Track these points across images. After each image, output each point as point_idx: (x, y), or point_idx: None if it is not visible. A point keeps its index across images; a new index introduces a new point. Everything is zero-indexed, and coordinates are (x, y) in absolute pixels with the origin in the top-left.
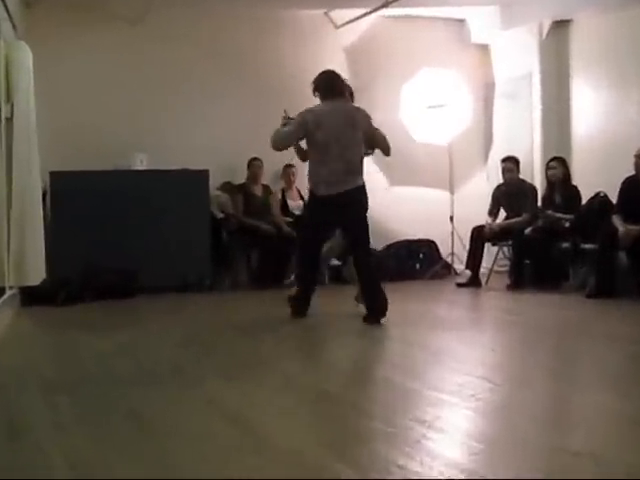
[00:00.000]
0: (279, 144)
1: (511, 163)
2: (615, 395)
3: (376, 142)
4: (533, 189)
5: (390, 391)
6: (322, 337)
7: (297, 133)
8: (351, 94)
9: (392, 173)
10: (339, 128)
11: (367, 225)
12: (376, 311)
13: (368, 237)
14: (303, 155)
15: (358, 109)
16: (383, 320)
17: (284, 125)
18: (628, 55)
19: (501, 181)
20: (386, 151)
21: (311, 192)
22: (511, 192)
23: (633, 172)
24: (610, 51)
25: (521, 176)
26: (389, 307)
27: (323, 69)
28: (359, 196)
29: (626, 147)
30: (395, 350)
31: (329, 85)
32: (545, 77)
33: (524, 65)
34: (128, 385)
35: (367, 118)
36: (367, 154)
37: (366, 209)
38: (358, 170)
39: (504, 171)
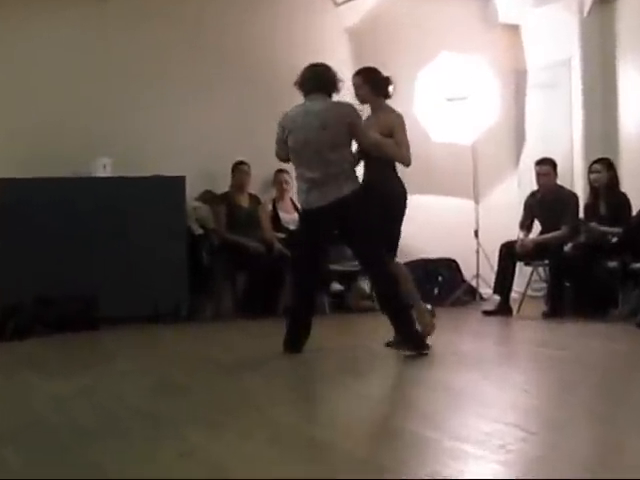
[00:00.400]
0: (280, 157)
1: (547, 166)
2: None
3: (363, 145)
4: (573, 197)
5: (404, 442)
6: (321, 377)
7: (282, 144)
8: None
9: (405, 179)
10: (311, 131)
11: (377, 237)
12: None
13: (380, 253)
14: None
15: (337, 104)
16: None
17: None
18: None
19: (535, 188)
20: (399, 160)
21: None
22: (547, 201)
23: None
24: None
25: (559, 182)
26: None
27: (319, 57)
28: (349, 205)
29: None
30: (409, 392)
31: (311, 80)
32: (587, 63)
33: (562, 49)
34: (90, 435)
35: (347, 114)
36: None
37: (370, 217)
38: (342, 176)
39: (539, 176)
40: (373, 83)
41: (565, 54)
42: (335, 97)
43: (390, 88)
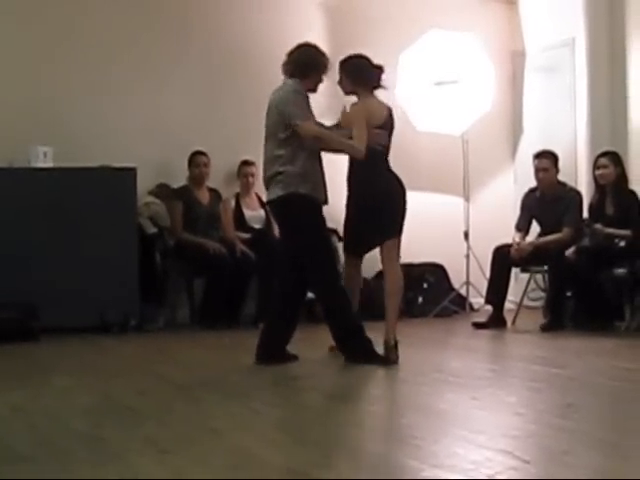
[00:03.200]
0: None
1: (547, 160)
2: None
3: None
4: (577, 195)
5: (382, 470)
6: (290, 397)
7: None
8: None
9: None
10: (267, 119)
11: (312, 243)
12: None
13: (318, 262)
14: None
15: (281, 88)
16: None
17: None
18: None
19: (534, 184)
20: (348, 152)
21: None
22: (547, 199)
23: None
24: None
25: (561, 177)
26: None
27: (291, 35)
28: (280, 209)
29: None
30: (389, 414)
31: (291, 63)
32: (593, 43)
33: (564, 28)
34: (22, 460)
35: (282, 100)
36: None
37: (300, 224)
38: (277, 172)
39: (538, 171)
40: (354, 73)
41: (568, 34)
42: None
43: (382, 77)
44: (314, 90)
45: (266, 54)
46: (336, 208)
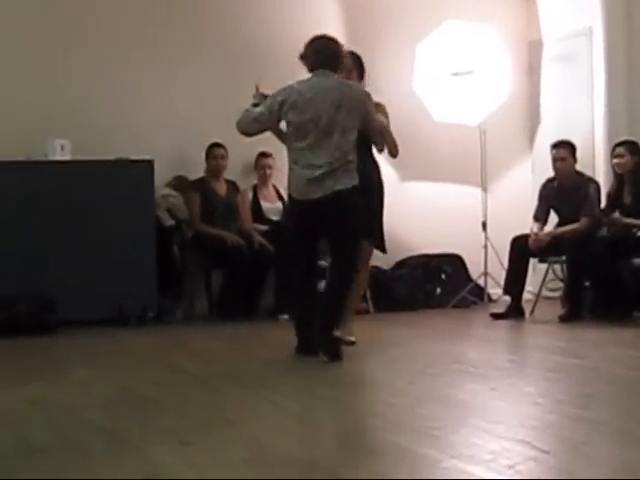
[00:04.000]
0: (244, 129)
1: (565, 150)
2: None
3: (372, 135)
4: (594, 185)
5: (400, 461)
6: (305, 388)
7: (267, 115)
8: (360, 65)
9: (404, 165)
10: (322, 109)
11: (359, 238)
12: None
13: (357, 256)
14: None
15: (352, 85)
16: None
17: (255, 105)
18: None
19: (551, 174)
20: (391, 150)
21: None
22: (565, 189)
23: None
24: None
25: (578, 167)
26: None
27: (306, 27)
28: (352, 197)
29: None
30: (407, 405)
31: (320, 53)
32: (610, 32)
33: (582, 17)
34: (43, 455)
35: (364, 99)
36: (379, 151)
37: (360, 216)
38: (342, 168)
39: (555, 160)
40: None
41: (586, 23)
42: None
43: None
44: None
45: (282, 47)
46: None
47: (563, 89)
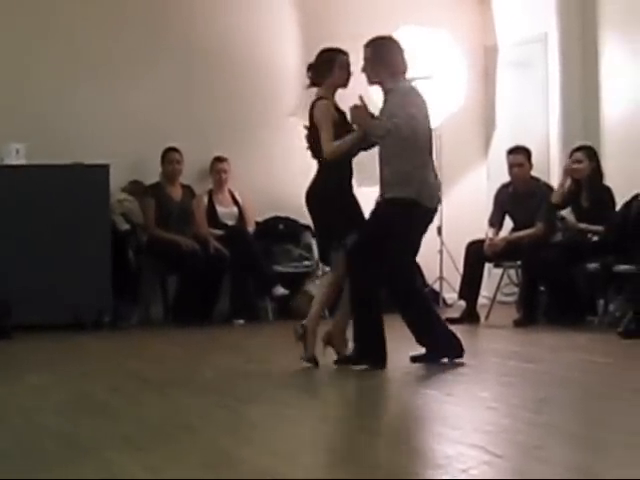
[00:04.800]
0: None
1: (521, 155)
2: None
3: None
4: (549, 191)
5: (354, 464)
6: (262, 394)
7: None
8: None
9: (360, 169)
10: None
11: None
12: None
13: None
14: None
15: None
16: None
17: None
18: None
19: (507, 179)
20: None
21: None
22: (520, 195)
23: None
24: None
25: (533, 173)
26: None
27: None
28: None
29: None
30: (362, 410)
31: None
32: (565, 38)
33: (537, 23)
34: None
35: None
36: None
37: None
38: None
39: (511, 166)
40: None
41: (541, 28)
42: None
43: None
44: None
45: (239, 52)
46: None
47: (518, 94)
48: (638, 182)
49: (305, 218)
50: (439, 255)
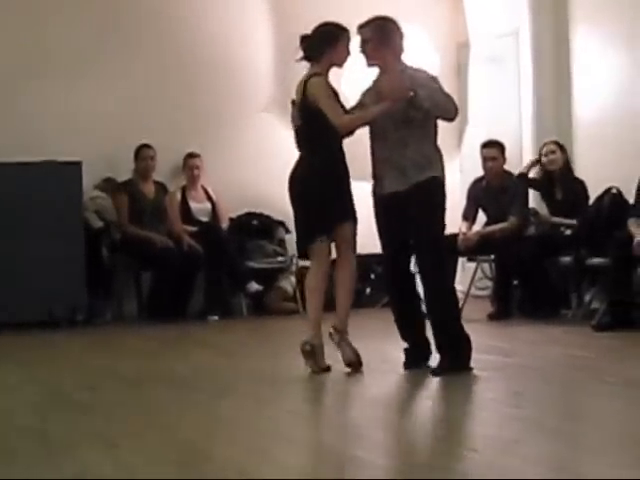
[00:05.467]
0: None
1: (496, 149)
2: (634, 462)
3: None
4: (522, 185)
5: (328, 460)
6: (236, 391)
7: None
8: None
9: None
10: None
11: None
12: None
13: None
14: None
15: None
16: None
17: None
18: None
19: (480, 174)
20: None
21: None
22: (494, 188)
23: None
24: None
25: (506, 167)
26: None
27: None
28: None
29: None
30: (335, 406)
31: None
32: (538, 34)
33: (509, 18)
34: None
35: None
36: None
37: None
38: None
39: (486, 160)
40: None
41: (513, 24)
42: None
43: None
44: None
45: (211, 49)
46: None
47: (491, 90)
48: (610, 176)
49: (279, 214)
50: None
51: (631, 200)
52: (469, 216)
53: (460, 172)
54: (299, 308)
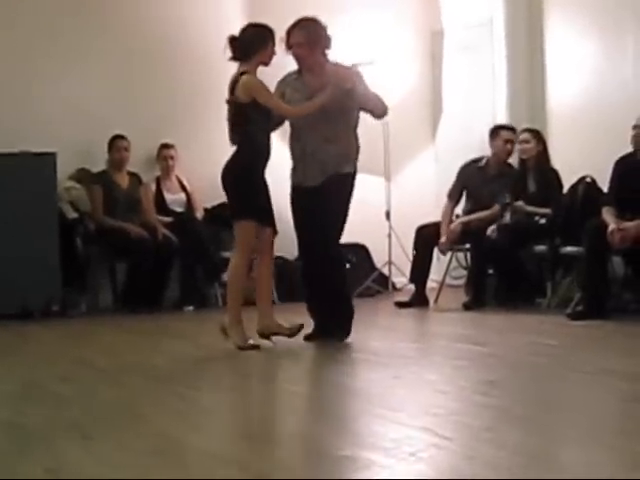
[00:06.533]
0: None
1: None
2: (605, 450)
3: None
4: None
5: (301, 448)
6: (213, 380)
7: None
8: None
9: None
10: None
11: None
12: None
13: None
14: None
15: None
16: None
17: None
18: None
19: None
20: None
21: None
22: (489, 174)
23: (630, 149)
24: None
25: (480, 154)
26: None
27: (206, 10)
28: None
29: (620, 116)
30: (308, 394)
31: None
32: (511, 22)
33: (483, 7)
34: None
35: None
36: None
37: None
38: None
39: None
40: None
41: (487, 13)
42: None
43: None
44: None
45: (183, 39)
46: None
47: (465, 78)
48: (584, 165)
49: None
50: (387, 239)
51: (605, 189)
52: (454, 196)
53: (435, 161)
54: (274, 297)
